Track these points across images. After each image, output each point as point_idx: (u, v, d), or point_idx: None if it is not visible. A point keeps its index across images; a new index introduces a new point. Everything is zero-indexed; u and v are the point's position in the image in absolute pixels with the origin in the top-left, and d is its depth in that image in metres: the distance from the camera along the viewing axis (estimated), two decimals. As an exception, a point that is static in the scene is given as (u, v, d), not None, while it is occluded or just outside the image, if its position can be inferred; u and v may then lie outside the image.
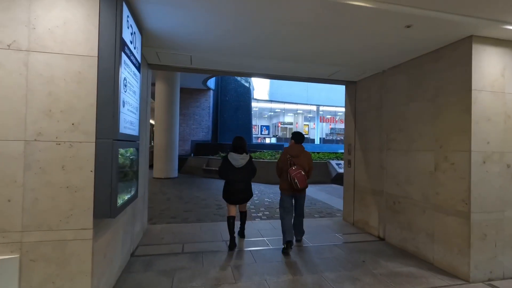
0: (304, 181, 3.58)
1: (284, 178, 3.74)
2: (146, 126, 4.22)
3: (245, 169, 3.83)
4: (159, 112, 10.98)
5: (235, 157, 3.77)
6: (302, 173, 3.60)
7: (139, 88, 3.01)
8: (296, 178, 3.54)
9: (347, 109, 5.35)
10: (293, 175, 3.55)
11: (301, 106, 23.06)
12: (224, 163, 3.84)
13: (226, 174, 3.81)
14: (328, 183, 10.34)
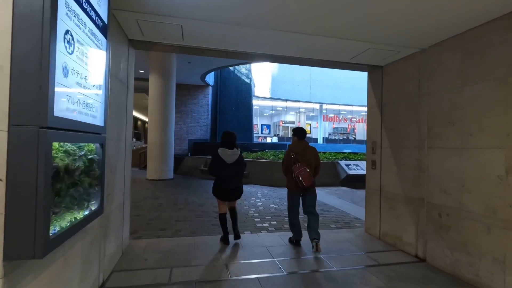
0: (309, 178, 3.44)
1: (289, 177, 3.62)
2: (127, 118, 3.37)
3: (237, 165, 3.71)
4: (153, 108, 10.12)
5: (228, 153, 3.64)
6: (307, 170, 3.45)
7: (106, 61, 2.15)
8: (301, 175, 3.40)
9: (371, 100, 4.50)
10: (297, 172, 3.43)
11: (304, 104, 22.21)
12: (215, 159, 3.68)
13: (218, 171, 3.65)
14: (337, 186, 9.50)
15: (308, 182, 3.43)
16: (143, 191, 7.75)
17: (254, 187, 8.84)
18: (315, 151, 3.73)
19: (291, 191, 3.70)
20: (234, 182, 3.71)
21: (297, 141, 3.72)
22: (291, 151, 3.65)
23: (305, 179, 3.41)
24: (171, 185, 8.98)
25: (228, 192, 3.72)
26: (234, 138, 3.78)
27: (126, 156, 3.39)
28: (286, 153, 3.77)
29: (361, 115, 25.23)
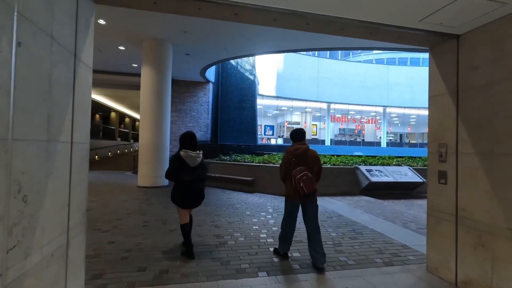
0: (311, 184, 3.15)
1: (289, 183, 3.31)
2: (76, 105, 2.09)
3: (201, 168, 3.50)
4: (145, 105, 8.84)
5: (192, 155, 3.36)
6: (309, 175, 3.17)
7: None
8: (302, 181, 3.13)
9: (435, 86, 3.21)
10: (298, 177, 3.15)
11: (310, 104, 20.93)
12: (176, 162, 3.35)
13: (180, 175, 3.34)
14: (358, 195, 8.19)
15: (310, 188, 3.12)
16: (130, 202, 6.46)
17: (262, 197, 7.54)
18: (316, 155, 3.40)
19: (290, 199, 3.34)
20: (199, 187, 3.46)
21: (295, 144, 3.39)
22: (291, 155, 3.31)
23: (307, 185, 3.11)
24: (165, 194, 7.69)
25: (193, 198, 3.45)
26: (196, 139, 3.52)
27: (74, 169, 2.11)
28: (284, 157, 3.41)
29: (370, 115, 23.96)
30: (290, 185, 3.28)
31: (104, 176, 11.26)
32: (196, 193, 3.44)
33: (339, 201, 7.24)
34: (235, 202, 6.80)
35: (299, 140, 3.41)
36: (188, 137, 3.45)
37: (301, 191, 3.12)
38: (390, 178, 8.26)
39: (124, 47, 9.58)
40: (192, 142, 3.43)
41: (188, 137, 3.45)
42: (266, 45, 9.63)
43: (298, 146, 3.34)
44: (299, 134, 3.44)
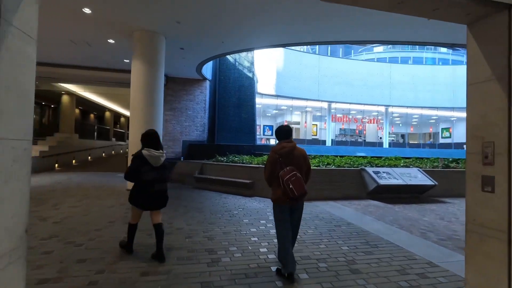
0: (301, 185, 2.87)
1: (276, 186, 2.99)
2: (14, 83, 1.47)
3: (164, 169, 3.37)
4: (135, 102, 8.22)
5: (155, 155, 3.22)
6: (298, 175, 2.90)
7: None
8: (291, 182, 2.83)
9: (478, 70, 2.59)
10: (287, 179, 2.85)
11: (311, 103, 20.33)
12: (138, 161, 3.18)
13: (141, 175, 3.16)
14: (365, 198, 7.59)
15: (300, 189, 2.86)
16: (115, 209, 5.84)
17: (261, 201, 6.93)
18: (304, 153, 3.18)
19: (278, 203, 3.02)
20: (162, 187, 3.35)
21: (283, 142, 3.13)
22: (276, 153, 3.04)
23: (296, 187, 2.84)
24: (156, 198, 7.06)
25: (155, 199, 3.32)
26: (159, 137, 3.43)
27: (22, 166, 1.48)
28: (269, 157, 3.12)
29: (371, 115, 23.39)
30: (277, 188, 2.98)
31: (94, 178, 10.62)
32: (158, 194, 3.30)
33: (345, 206, 6.63)
34: (232, 207, 6.18)
35: (286, 138, 3.14)
36: (151, 136, 3.33)
37: (291, 194, 2.83)
38: (400, 181, 7.66)
39: (113, 40, 8.95)
40: (155, 141, 3.30)
41: (151, 136, 3.33)
42: (266, 39, 9.04)
43: (284, 144, 3.08)
44: (284, 131, 3.18)
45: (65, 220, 4.87)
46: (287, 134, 3.17)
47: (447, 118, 24.43)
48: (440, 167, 9.42)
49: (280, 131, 3.21)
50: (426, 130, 26.59)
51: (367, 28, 8.00)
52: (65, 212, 5.38)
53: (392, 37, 8.91)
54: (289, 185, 2.83)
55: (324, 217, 5.51)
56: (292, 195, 2.83)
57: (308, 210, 6.03)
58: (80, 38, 8.87)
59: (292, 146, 3.08)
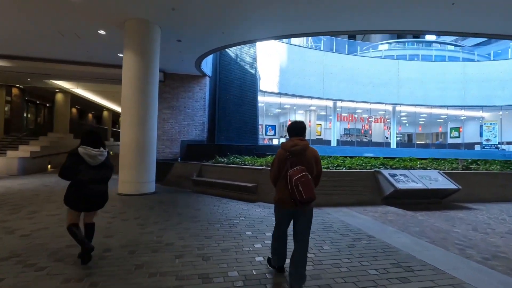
0: (311, 188, 2.58)
1: (282, 186, 2.74)
2: None
3: (103, 168, 3.17)
4: (127, 97, 7.50)
5: (92, 153, 3.04)
6: (308, 177, 2.60)
7: None
8: (300, 183, 2.53)
9: None
10: (296, 179, 2.55)
11: (315, 101, 19.53)
12: (72, 160, 3.00)
13: (76, 175, 3.00)
14: (379, 204, 6.83)
15: (309, 192, 2.53)
16: (98, 218, 5.09)
17: (265, 208, 6.18)
18: (316, 154, 2.84)
19: (282, 205, 2.77)
20: (100, 188, 3.14)
21: (295, 139, 2.79)
22: (287, 150, 2.73)
23: (306, 189, 2.52)
24: (148, 204, 6.33)
25: (91, 200, 3.10)
26: (100, 136, 3.22)
27: None
28: (278, 154, 2.83)
29: (378, 114, 22.56)
30: (283, 188, 2.73)
31: (85, 180, 9.91)
32: (95, 195, 3.11)
33: (361, 213, 5.87)
34: (232, 215, 5.43)
35: (299, 135, 2.84)
36: (88, 133, 3.18)
37: (298, 196, 2.54)
38: (419, 185, 6.89)
39: (104, 31, 8.25)
40: (93, 139, 3.13)
41: (88, 133, 3.18)
42: (269, 29, 8.30)
43: (297, 141, 2.77)
44: (299, 128, 2.87)
45: (36, 232, 4.14)
46: (301, 131, 2.86)
47: (456, 117, 23.59)
48: (460, 168, 8.64)
49: (293, 127, 2.88)
50: (434, 130, 25.74)
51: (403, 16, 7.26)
52: (40, 222, 4.66)
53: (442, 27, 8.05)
54: (298, 186, 2.54)
55: (339, 228, 4.76)
56: (299, 198, 2.54)
57: (319, 218, 5.29)
58: (68, 29, 8.17)
59: (305, 145, 2.76)
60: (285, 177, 2.69)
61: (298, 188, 2.54)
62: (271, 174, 2.91)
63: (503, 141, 21.70)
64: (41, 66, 10.99)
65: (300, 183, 2.55)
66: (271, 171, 2.90)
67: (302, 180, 2.57)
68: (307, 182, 2.58)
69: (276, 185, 2.87)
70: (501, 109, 21.23)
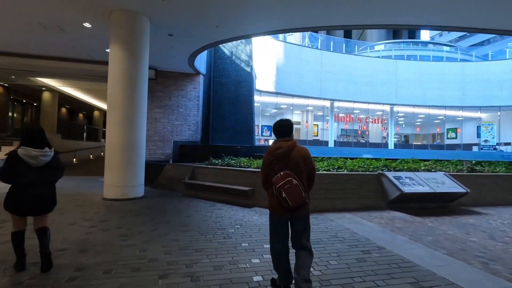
0: (297, 194, 2.38)
1: (271, 192, 2.56)
2: None
3: (49, 169, 2.95)
4: (114, 94, 6.96)
5: (32, 154, 2.81)
6: (294, 182, 2.41)
7: None
8: (284, 190, 2.37)
9: None
10: (279, 186, 2.39)
11: (312, 101, 19.13)
12: (10, 162, 2.77)
13: (15, 177, 2.78)
14: (385, 209, 6.41)
15: (296, 199, 2.37)
16: (76, 227, 4.56)
17: (262, 214, 5.70)
18: (305, 153, 2.59)
19: (274, 213, 2.57)
20: (40, 191, 2.90)
21: (280, 140, 2.59)
22: (270, 155, 2.54)
23: (291, 196, 2.36)
24: (135, 210, 5.80)
25: (30, 204, 2.86)
26: (43, 134, 2.98)
27: None
28: (264, 158, 2.64)
29: (376, 115, 22.24)
30: (272, 196, 2.56)
31: (71, 183, 9.32)
32: (36, 199, 2.89)
33: (366, 219, 5.42)
34: (227, 223, 4.94)
35: (284, 135, 2.62)
36: (28, 133, 2.96)
37: (285, 204, 2.40)
38: (426, 188, 6.47)
39: (89, 24, 7.70)
40: (34, 138, 2.91)
41: (28, 133, 2.96)
42: (264, 23, 7.84)
43: (281, 143, 2.56)
44: (282, 127, 2.65)
45: (3, 245, 3.61)
46: (285, 130, 2.63)
47: (453, 118, 23.41)
48: (465, 170, 8.27)
49: (277, 127, 2.66)
50: (432, 131, 25.54)
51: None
52: (6, 234, 4.10)
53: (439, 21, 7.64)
54: (282, 194, 2.38)
55: (345, 237, 4.30)
56: (286, 205, 2.40)
57: (322, 226, 4.83)
58: (50, 21, 7.60)
59: (289, 146, 2.53)
60: (271, 183, 2.51)
61: (282, 196, 2.38)
62: (261, 178, 2.72)
63: (501, 142, 21.55)
64: (25, 62, 10.39)
65: (284, 190, 2.39)
66: (261, 175, 2.72)
67: (286, 187, 2.39)
68: (292, 188, 2.39)
69: (267, 190, 2.67)
70: (499, 110, 21.08)
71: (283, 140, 2.60)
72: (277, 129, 2.67)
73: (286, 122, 2.70)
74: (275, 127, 2.70)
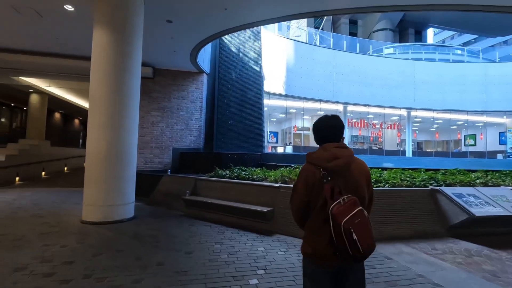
0: (370, 232, 1.51)
1: (316, 229, 1.62)
2: None
3: None
4: (97, 90, 5.55)
5: None
6: (365, 213, 1.53)
7: None
8: (354, 227, 1.45)
9: None
10: (346, 221, 1.46)
11: (325, 105, 17.73)
12: None
13: None
14: (444, 237, 4.91)
15: (368, 240, 1.47)
16: (20, 280, 3.09)
17: (288, 245, 4.21)
18: (367, 169, 1.70)
19: (316, 262, 1.61)
20: None
21: (331, 146, 1.66)
22: (321, 168, 1.60)
23: (363, 236, 1.45)
24: (117, 241, 4.32)
25: None
26: None
27: None
28: (303, 173, 1.67)
29: (391, 120, 20.79)
30: (318, 233, 1.59)
31: (50, 197, 7.86)
32: None
33: (433, 256, 3.92)
34: (244, 266, 3.46)
35: (335, 140, 1.68)
36: None
37: (351, 248, 1.44)
38: (499, 209, 4.96)
39: (72, 7, 6.36)
40: None
41: None
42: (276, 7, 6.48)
43: (336, 151, 1.62)
44: (334, 128, 1.70)
45: None
46: (337, 132, 1.70)
47: (473, 124, 21.95)
48: (527, 184, 6.76)
49: (325, 128, 1.71)
50: (452, 137, 24.00)
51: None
52: None
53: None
54: (351, 234, 1.42)
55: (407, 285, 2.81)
56: (353, 252, 1.44)
57: (380, 270, 3.37)
58: (25, 3, 6.28)
59: (350, 157, 1.62)
60: (321, 214, 1.57)
61: (350, 237, 1.43)
62: (292, 208, 1.74)
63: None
64: (2, 58, 9.05)
65: (354, 227, 1.44)
66: (293, 203, 1.73)
67: (356, 221, 1.47)
68: (364, 223, 1.49)
69: (303, 225, 1.71)
70: (528, 114, 19.63)
71: (337, 146, 1.66)
72: (324, 131, 1.72)
73: (336, 120, 1.74)
74: (321, 126, 1.74)
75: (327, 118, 1.75)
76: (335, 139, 1.70)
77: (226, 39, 11.53)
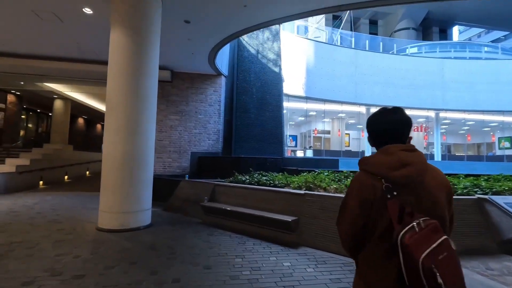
0: (462, 275, 1.00)
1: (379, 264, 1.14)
2: None
3: None
4: (114, 93, 5.40)
5: None
6: (452, 244, 1.02)
7: None
8: (438, 266, 0.94)
9: None
10: (426, 257, 0.95)
11: (346, 107, 17.08)
12: None
13: None
14: (496, 253, 4.27)
15: (457, 282, 0.96)
16: (32, 290, 2.86)
17: (319, 262, 3.76)
18: (447, 181, 1.21)
19: None
20: None
21: (397, 149, 1.18)
22: (381, 176, 1.14)
23: (452, 281, 0.94)
24: (132, 253, 4.05)
25: None
26: None
27: None
28: (356, 185, 1.21)
29: (417, 122, 19.73)
30: (379, 269, 1.14)
31: (70, 201, 7.83)
32: None
33: (491, 278, 3.35)
34: (266, 282, 3.08)
35: (398, 139, 1.24)
36: None
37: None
38: (563, 223, 4.28)
39: (90, 10, 6.30)
40: None
41: None
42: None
43: (404, 155, 1.17)
44: (399, 123, 1.26)
45: None
46: (404, 129, 1.26)
47: (509, 125, 20.42)
48: None
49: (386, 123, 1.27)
50: (485, 139, 22.48)
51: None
52: None
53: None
54: (436, 277, 0.93)
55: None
56: None
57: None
58: (45, 7, 6.28)
59: (422, 163, 1.18)
60: (384, 243, 1.12)
61: (433, 280, 0.94)
62: (341, 232, 1.27)
63: None
64: (26, 64, 9.26)
65: (438, 266, 0.96)
66: (342, 227, 1.26)
67: (440, 257, 0.98)
68: (452, 259, 1.00)
69: (356, 255, 1.26)
70: None
71: (404, 148, 1.21)
72: (386, 127, 1.27)
73: (400, 113, 1.28)
74: (377, 123, 1.31)
75: (387, 110, 1.31)
76: (400, 139, 1.25)
77: (244, 40, 11.29)
